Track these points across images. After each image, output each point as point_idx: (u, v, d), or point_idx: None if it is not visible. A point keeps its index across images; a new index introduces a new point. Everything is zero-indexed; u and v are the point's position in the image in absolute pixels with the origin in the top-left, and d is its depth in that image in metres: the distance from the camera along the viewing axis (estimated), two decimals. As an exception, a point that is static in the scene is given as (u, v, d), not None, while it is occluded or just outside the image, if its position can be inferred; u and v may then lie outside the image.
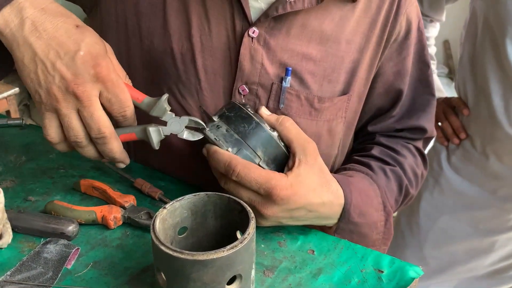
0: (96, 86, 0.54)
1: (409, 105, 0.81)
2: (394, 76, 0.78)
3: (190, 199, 0.55)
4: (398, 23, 0.73)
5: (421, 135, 0.84)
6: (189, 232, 0.57)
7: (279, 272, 0.59)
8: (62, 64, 0.53)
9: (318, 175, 0.63)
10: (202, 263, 0.46)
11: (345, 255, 0.63)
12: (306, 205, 0.61)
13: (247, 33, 0.67)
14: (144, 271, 0.58)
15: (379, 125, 0.82)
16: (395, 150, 0.81)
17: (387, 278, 0.60)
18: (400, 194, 0.78)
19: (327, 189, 0.63)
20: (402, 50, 0.76)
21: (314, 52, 0.69)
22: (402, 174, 0.78)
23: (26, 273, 0.56)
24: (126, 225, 0.65)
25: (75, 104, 0.54)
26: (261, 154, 0.61)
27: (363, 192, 0.68)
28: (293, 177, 0.60)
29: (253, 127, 0.61)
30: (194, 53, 0.68)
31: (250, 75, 0.68)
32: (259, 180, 0.58)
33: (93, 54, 0.54)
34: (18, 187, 0.72)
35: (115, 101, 0.56)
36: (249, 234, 0.50)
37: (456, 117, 1.20)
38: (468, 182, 1.21)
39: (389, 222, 0.71)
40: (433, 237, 1.29)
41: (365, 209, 0.67)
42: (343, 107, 0.74)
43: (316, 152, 0.63)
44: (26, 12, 0.53)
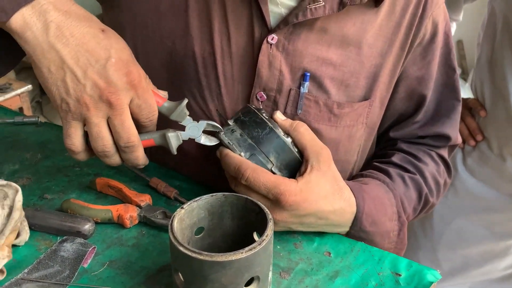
0: (129, 94, 0.54)
1: (434, 110, 0.79)
2: (417, 80, 0.76)
3: (208, 199, 0.55)
4: (423, 26, 0.71)
5: (444, 143, 0.81)
6: (206, 233, 0.57)
7: (295, 274, 0.59)
8: (93, 72, 0.52)
9: (331, 182, 0.62)
10: (221, 265, 0.46)
11: (361, 257, 0.62)
12: (316, 212, 0.61)
13: (266, 39, 0.66)
14: (160, 271, 0.58)
15: (401, 131, 0.80)
16: (417, 157, 0.79)
17: (405, 281, 0.59)
18: (419, 202, 0.76)
19: (339, 197, 0.63)
20: (427, 54, 0.74)
21: (335, 57, 0.68)
22: (422, 182, 0.76)
23: (43, 271, 0.56)
24: (141, 224, 0.65)
25: (106, 112, 0.54)
26: (274, 160, 0.61)
27: (377, 200, 0.67)
28: (303, 183, 0.60)
29: (267, 133, 0.61)
30: (215, 57, 0.67)
31: (268, 81, 0.68)
32: (268, 184, 0.59)
33: (124, 61, 0.54)
34: (34, 185, 0.73)
35: (145, 107, 0.56)
36: (267, 236, 0.49)
37: (472, 119, 1.18)
38: (484, 185, 1.19)
39: (402, 232, 0.70)
40: (447, 240, 1.27)
41: (378, 218, 0.66)
42: (364, 113, 0.72)
43: (330, 159, 0.63)
44: (50, 15, 0.51)
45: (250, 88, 0.69)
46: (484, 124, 1.16)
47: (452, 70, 0.78)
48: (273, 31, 0.66)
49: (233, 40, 0.67)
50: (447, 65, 0.78)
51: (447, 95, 0.79)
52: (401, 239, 0.70)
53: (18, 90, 2.23)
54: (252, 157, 0.61)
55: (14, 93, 2.22)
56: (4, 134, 0.86)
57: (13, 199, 0.56)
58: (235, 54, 0.67)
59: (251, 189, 0.60)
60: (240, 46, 0.67)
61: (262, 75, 0.67)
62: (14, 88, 2.23)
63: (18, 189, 0.57)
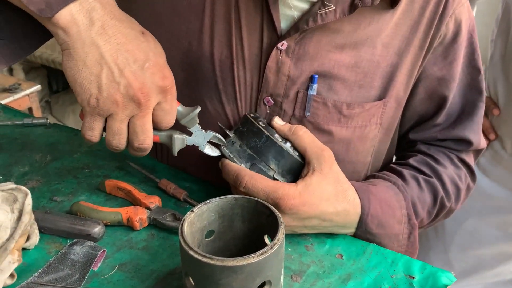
0: (158, 97, 0.55)
1: (457, 113, 0.76)
2: (438, 81, 0.73)
3: (218, 202, 0.54)
4: (443, 25, 0.69)
5: (466, 147, 0.78)
6: (216, 236, 0.56)
7: (307, 277, 0.58)
8: (130, 71, 0.53)
9: (333, 184, 0.62)
10: (232, 269, 0.45)
11: (374, 260, 0.61)
12: (319, 214, 0.61)
13: (276, 46, 0.65)
14: (170, 274, 0.57)
15: (421, 133, 0.78)
16: (435, 159, 0.77)
17: (419, 284, 0.58)
18: (434, 206, 0.74)
19: (343, 198, 0.62)
20: (449, 54, 0.71)
21: (348, 58, 0.67)
22: (439, 185, 0.74)
23: (54, 275, 0.56)
24: (151, 226, 0.65)
25: (132, 111, 0.55)
26: (274, 167, 0.62)
27: (384, 202, 0.66)
28: (302, 186, 0.60)
29: (264, 141, 0.62)
30: (232, 61, 0.67)
31: (275, 87, 0.67)
32: (266, 190, 0.59)
33: (161, 66, 0.55)
34: (44, 187, 0.72)
35: (169, 113, 0.57)
36: (279, 240, 0.48)
37: (485, 117, 1.16)
38: (497, 185, 1.17)
39: (413, 235, 0.68)
40: (459, 240, 1.26)
41: (385, 220, 0.65)
42: (378, 113, 0.70)
43: (331, 160, 0.62)
44: (97, 13, 0.52)
45: (257, 93, 0.68)
46: (498, 122, 1.15)
47: (477, 71, 0.75)
48: (283, 37, 0.65)
49: (246, 45, 0.66)
50: (471, 66, 0.75)
51: (471, 97, 0.76)
52: (411, 242, 0.68)
53: (27, 90, 2.24)
54: (253, 167, 0.62)
55: (24, 93, 2.23)
56: (13, 136, 0.86)
57: (23, 202, 0.56)
58: (248, 59, 0.67)
59: (250, 196, 0.59)
60: (252, 51, 0.66)
61: (269, 80, 0.67)
62: (23, 88, 2.24)
63: (27, 192, 0.57)
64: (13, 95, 2.20)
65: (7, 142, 0.84)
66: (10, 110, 0.96)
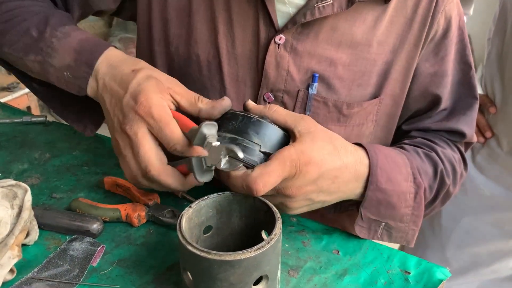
0: (142, 124, 0.56)
1: (450, 109, 0.76)
2: (430, 78, 0.73)
3: (216, 198, 0.55)
4: (435, 22, 0.69)
5: (459, 139, 0.78)
6: (214, 231, 0.57)
7: (304, 272, 0.59)
8: (117, 110, 0.58)
9: (328, 140, 0.59)
10: (229, 264, 0.46)
11: (370, 255, 0.62)
12: (328, 170, 0.57)
13: (273, 40, 0.65)
14: (169, 269, 0.58)
15: (414, 125, 0.78)
16: (432, 140, 0.76)
17: (414, 279, 0.58)
18: (435, 179, 0.70)
19: (345, 151, 0.59)
20: (440, 50, 0.72)
21: (344, 56, 0.67)
22: (438, 159, 0.72)
23: (53, 270, 0.56)
24: (150, 223, 0.65)
25: (129, 144, 0.57)
26: (258, 141, 0.58)
27: (389, 158, 0.63)
28: (299, 146, 0.56)
29: (241, 120, 0.59)
30: (220, 60, 0.67)
31: (275, 82, 0.67)
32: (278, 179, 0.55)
33: (134, 94, 0.57)
34: (43, 184, 0.73)
35: (161, 137, 0.56)
36: (275, 235, 0.49)
37: (481, 115, 1.17)
38: (493, 183, 1.18)
39: (419, 195, 0.65)
40: (455, 238, 1.26)
41: (393, 176, 0.62)
42: (374, 110, 0.71)
43: (314, 122, 0.59)
44: (100, 73, 0.61)
45: (257, 89, 0.68)
46: (494, 120, 1.15)
47: (468, 67, 0.75)
48: (281, 31, 0.65)
49: (239, 42, 0.66)
50: (462, 62, 0.75)
51: (463, 93, 0.76)
52: (417, 203, 0.65)
53: (25, 89, 2.25)
54: (238, 147, 0.57)
55: (22, 92, 2.24)
56: (13, 134, 0.87)
57: (23, 198, 0.56)
58: (241, 56, 0.67)
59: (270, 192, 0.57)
60: (246, 47, 0.67)
61: (269, 76, 0.67)
62: (21, 87, 2.24)
63: (27, 189, 0.57)
64: (12, 93, 2.20)
65: (7, 140, 0.85)
66: (9, 108, 0.97)
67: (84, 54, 0.62)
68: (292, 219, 0.68)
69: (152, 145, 0.57)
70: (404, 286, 0.57)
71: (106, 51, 0.62)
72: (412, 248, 1.37)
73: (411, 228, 0.66)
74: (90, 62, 0.61)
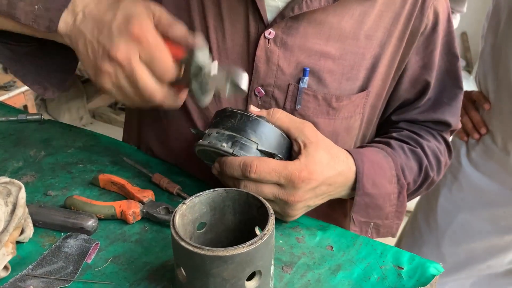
0: (135, 48, 0.54)
1: (436, 98, 0.79)
2: (420, 70, 0.76)
3: (209, 194, 0.55)
4: (425, 17, 0.71)
5: (445, 129, 0.82)
6: (208, 228, 0.57)
7: (297, 268, 0.59)
8: (103, 37, 0.55)
9: (326, 150, 0.63)
10: (222, 259, 0.46)
11: (364, 251, 0.62)
12: (325, 179, 0.62)
13: (263, 35, 0.66)
14: (163, 266, 0.58)
15: (402, 116, 0.81)
16: (418, 133, 0.80)
17: (407, 275, 0.59)
18: (419, 174, 0.76)
19: (338, 160, 0.64)
20: (429, 44, 0.74)
21: (333, 50, 0.68)
22: (423, 155, 0.77)
23: (48, 267, 0.56)
24: (144, 220, 0.65)
25: (121, 72, 0.55)
26: (256, 139, 0.61)
27: (375, 164, 0.68)
28: (304, 159, 0.61)
29: (239, 118, 0.61)
30: (212, 55, 0.68)
31: (265, 77, 0.68)
32: (278, 168, 0.59)
33: (127, 17, 0.54)
34: (38, 182, 0.73)
35: (154, 62, 0.54)
36: (268, 230, 0.49)
37: (476, 112, 1.18)
38: (488, 179, 1.18)
39: (402, 195, 0.70)
40: (451, 234, 1.27)
41: (378, 180, 0.67)
42: (361, 103, 0.73)
43: (314, 130, 0.64)
44: (77, 7, 0.57)
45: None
46: (489, 117, 1.16)
47: (455, 58, 0.78)
48: (270, 25, 0.66)
49: (229, 36, 0.67)
50: (450, 53, 0.77)
51: (449, 83, 0.79)
52: (401, 202, 0.71)
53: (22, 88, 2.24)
54: (235, 144, 0.61)
55: (19, 90, 2.23)
56: (8, 132, 0.87)
57: (17, 196, 0.57)
58: (231, 50, 0.67)
59: (262, 181, 0.60)
60: (236, 42, 0.67)
61: (259, 70, 0.67)
62: (18, 85, 2.24)
63: (21, 186, 0.57)
64: (8, 92, 2.20)
65: (2, 138, 0.85)
66: (5, 106, 0.97)
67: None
68: (286, 215, 0.69)
69: (148, 72, 0.55)
70: (397, 282, 0.58)
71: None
72: (408, 245, 1.39)
73: (395, 223, 0.72)
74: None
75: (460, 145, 1.24)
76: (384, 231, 0.72)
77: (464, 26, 2.99)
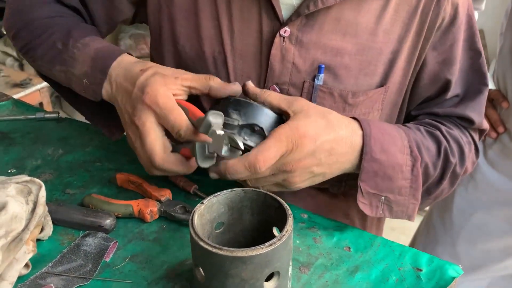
0: (149, 113, 0.59)
1: (460, 97, 0.76)
2: (439, 66, 0.73)
3: (227, 194, 0.55)
4: (442, 10, 0.68)
5: (468, 125, 0.77)
6: (226, 228, 0.57)
7: (315, 269, 0.59)
8: (127, 104, 0.62)
9: (320, 115, 0.61)
10: (241, 260, 0.46)
11: (382, 252, 0.62)
12: (323, 143, 0.60)
13: (278, 33, 0.66)
14: (181, 265, 0.58)
15: (423, 110, 0.78)
16: (439, 121, 0.76)
17: (426, 277, 0.58)
18: (438, 156, 0.70)
19: (339, 125, 0.62)
20: (447, 38, 0.71)
21: (350, 46, 0.67)
22: (442, 137, 0.72)
23: (67, 265, 0.57)
24: (162, 218, 0.66)
25: (137, 133, 0.61)
26: (236, 117, 0.60)
27: (383, 130, 0.65)
28: (293, 122, 0.59)
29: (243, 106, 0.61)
30: (225, 56, 0.68)
31: (280, 75, 0.67)
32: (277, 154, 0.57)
33: (142, 87, 0.60)
34: (56, 180, 0.74)
35: (167, 123, 0.59)
36: (287, 231, 0.49)
37: (494, 110, 1.16)
38: (505, 178, 1.17)
39: (416, 168, 0.66)
40: (467, 234, 1.25)
41: (387, 147, 0.64)
42: (379, 99, 0.71)
43: (306, 101, 0.62)
44: (112, 77, 0.65)
45: (262, 83, 0.69)
46: (506, 115, 1.14)
47: (478, 54, 0.75)
48: (285, 24, 0.65)
49: (242, 36, 0.67)
50: (472, 49, 0.74)
51: (473, 80, 0.76)
52: (415, 176, 0.66)
53: (38, 85, 2.26)
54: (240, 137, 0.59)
55: (34, 88, 2.25)
56: (26, 130, 0.88)
57: (37, 194, 0.57)
58: (246, 51, 0.67)
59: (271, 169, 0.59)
60: (250, 42, 0.67)
61: (274, 69, 0.67)
62: (34, 83, 2.26)
63: (41, 185, 0.58)
64: (24, 90, 2.22)
65: (20, 136, 0.86)
66: (23, 105, 0.98)
67: (99, 61, 0.67)
68: (303, 215, 0.69)
69: (158, 135, 0.60)
70: (416, 284, 0.57)
71: (119, 57, 0.66)
72: (422, 244, 1.38)
73: (411, 202, 0.67)
74: (104, 68, 0.66)
75: (477, 144, 1.22)
76: (397, 209, 0.67)
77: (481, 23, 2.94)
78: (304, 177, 0.61)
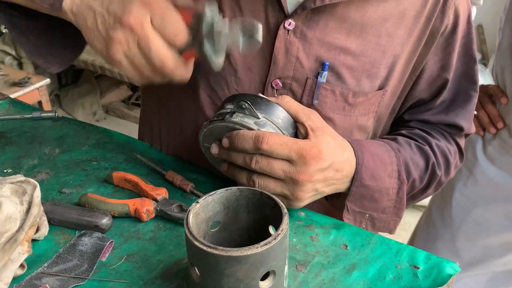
0: (146, 14, 0.54)
1: (450, 101, 0.77)
2: (438, 71, 0.74)
3: (223, 193, 0.55)
4: (446, 17, 0.69)
5: (457, 132, 0.80)
6: (222, 226, 0.57)
7: (312, 267, 0.59)
8: (114, 6, 0.55)
9: (333, 136, 0.64)
10: (236, 259, 0.46)
11: (379, 250, 0.62)
12: (334, 163, 0.62)
13: (282, 25, 0.65)
14: (177, 264, 0.58)
15: (415, 116, 0.80)
16: (428, 132, 0.78)
17: (423, 274, 0.58)
18: (426, 171, 0.74)
19: (344, 148, 0.64)
20: (448, 45, 0.73)
21: (354, 46, 0.67)
22: (430, 152, 0.75)
23: (63, 265, 0.57)
24: (158, 217, 0.66)
25: (133, 38, 0.54)
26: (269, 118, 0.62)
27: (375, 156, 0.67)
28: (314, 138, 0.61)
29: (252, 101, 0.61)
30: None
31: (284, 69, 0.67)
32: (289, 142, 0.59)
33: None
34: (53, 180, 0.74)
35: (166, 26, 0.54)
36: (282, 230, 0.49)
37: (493, 106, 1.16)
38: (505, 173, 1.17)
39: (401, 191, 0.69)
40: (466, 230, 1.25)
41: (377, 173, 0.66)
42: (376, 102, 0.72)
43: (320, 118, 0.64)
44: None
45: (265, 76, 0.68)
46: (506, 111, 1.14)
47: (473, 60, 0.76)
48: (290, 16, 0.65)
49: None
50: (467, 55, 0.76)
51: (465, 85, 0.77)
52: (400, 198, 0.69)
53: (36, 84, 2.26)
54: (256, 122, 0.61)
55: (33, 87, 2.25)
56: (22, 129, 0.87)
57: (32, 194, 0.57)
58: None
59: (273, 154, 0.59)
60: None
61: (278, 62, 0.67)
62: (32, 82, 2.26)
63: (36, 185, 0.58)
64: (23, 88, 2.22)
65: (17, 136, 0.85)
66: (19, 104, 0.97)
67: None
68: (300, 213, 0.68)
69: (160, 38, 0.55)
70: (413, 281, 0.57)
71: None
72: (422, 239, 1.37)
73: (393, 219, 0.70)
74: None
75: (476, 140, 1.22)
76: (380, 225, 0.71)
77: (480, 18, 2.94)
78: (309, 194, 0.63)
